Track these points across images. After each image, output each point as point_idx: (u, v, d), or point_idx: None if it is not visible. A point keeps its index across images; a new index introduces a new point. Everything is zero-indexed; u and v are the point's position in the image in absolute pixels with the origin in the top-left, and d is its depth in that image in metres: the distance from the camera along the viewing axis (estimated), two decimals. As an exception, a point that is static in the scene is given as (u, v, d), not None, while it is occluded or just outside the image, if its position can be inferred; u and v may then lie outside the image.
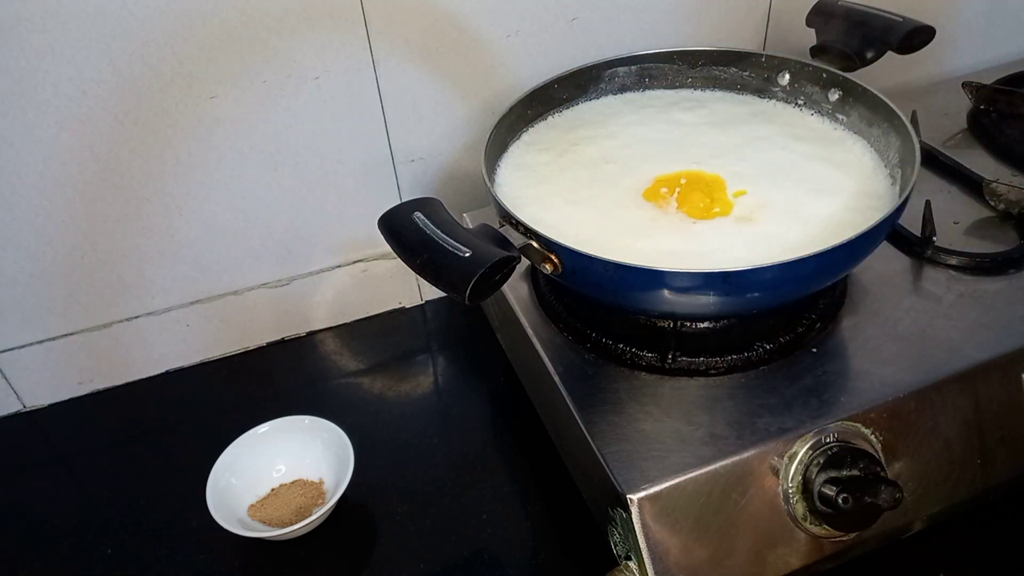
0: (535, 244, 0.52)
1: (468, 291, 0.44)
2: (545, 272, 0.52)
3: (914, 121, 0.74)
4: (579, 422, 0.53)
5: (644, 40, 0.76)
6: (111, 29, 0.59)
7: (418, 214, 0.49)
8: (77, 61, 0.60)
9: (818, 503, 0.48)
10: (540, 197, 0.62)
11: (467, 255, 0.45)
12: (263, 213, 0.72)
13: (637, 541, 0.48)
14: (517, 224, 0.53)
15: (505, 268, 0.47)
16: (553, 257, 0.51)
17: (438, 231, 0.48)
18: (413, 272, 0.49)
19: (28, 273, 0.68)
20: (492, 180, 0.62)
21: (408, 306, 0.84)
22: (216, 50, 0.63)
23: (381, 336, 0.81)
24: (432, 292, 0.82)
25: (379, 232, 0.76)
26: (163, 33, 0.61)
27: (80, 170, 0.64)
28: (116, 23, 0.59)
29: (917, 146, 0.55)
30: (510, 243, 0.50)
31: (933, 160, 0.73)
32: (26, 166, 0.63)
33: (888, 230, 0.53)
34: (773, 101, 0.70)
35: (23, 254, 0.67)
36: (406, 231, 0.49)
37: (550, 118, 0.70)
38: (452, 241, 0.47)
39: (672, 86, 0.73)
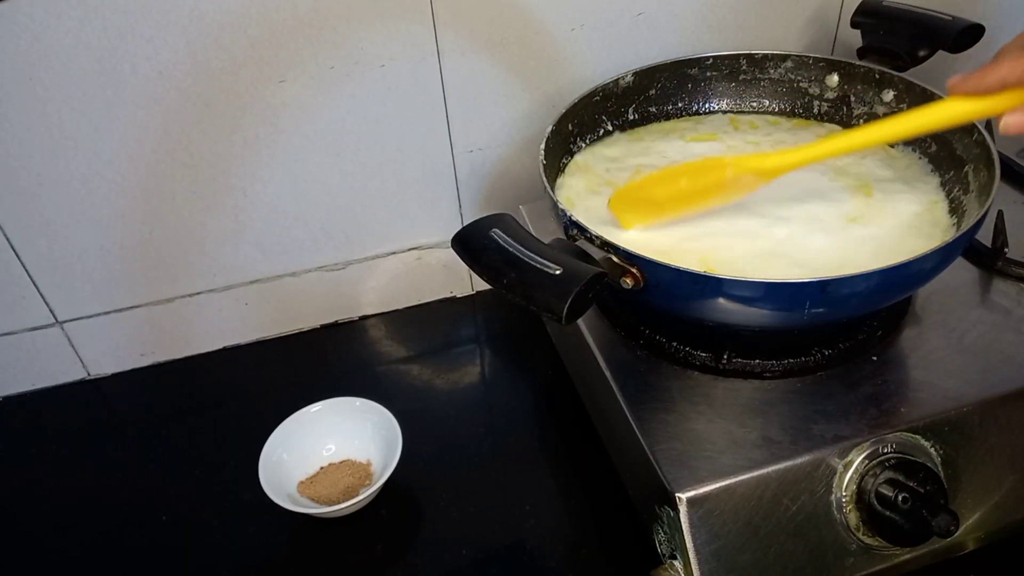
0: (614, 258, 0.49)
1: (566, 311, 0.41)
2: (625, 287, 0.49)
3: (988, 128, 0.72)
4: (629, 418, 0.52)
5: (710, 38, 0.76)
6: (189, 11, 0.61)
7: (496, 231, 0.46)
8: (155, 42, 0.62)
9: (875, 502, 0.47)
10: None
11: (558, 272, 0.43)
12: (324, 197, 0.74)
13: (684, 541, 0.48)
14: (593, 238, 0.50)
15: (598, 285, 0.44)
16: (634, 271, 0.48)
17: (522, 248, 0.45)
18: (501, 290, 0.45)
19: (99, 246, 0.70)
20: (553, 186, 0.61)
21: (459, 295, 0.85)
22: (287, 35, 0.64)
23: (432, 324, 0.82)
24: (484, 282, 0.83)
25: (435, 219, 0.78)
26: (238, 16, 0.62)
27: (153, 148, 0.66)
28: (194, 5, 0.61)
29: (996, 154, 0.54)
30: (592, 257, 0.48)
31: (1006, 169, 0.71)
32: (103, 142, 0.65)
33: (967, 243, 0.51)
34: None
35: (96, 227, 0.69)
36: (486, 250, 0.46)
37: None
38: (539, 259, 0.44)
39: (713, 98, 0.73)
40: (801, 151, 0.52)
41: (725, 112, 0.73)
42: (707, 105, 0.73)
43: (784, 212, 0.58)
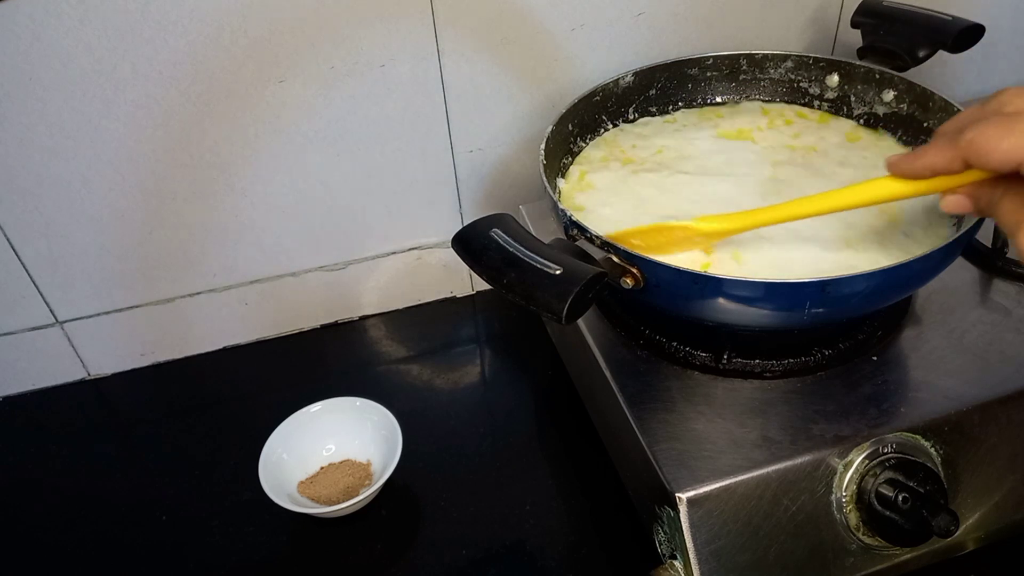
0: (614, 258, 0.49)
1: (565, 311, 0.41)
2: (625, 287, 0.49)
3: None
4: (629, 418, 0.52)
5: (710, 38, 0.76)
6: (189, 11, 0.61)
7: (496, 231, 0.46)
8: (155, 42, 0.61)
9: (875, 502, 0.47)
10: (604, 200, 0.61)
11: (558, 272, 0.43)
12: (324, 197, 0.74)
13: (684, 541, 0.48)
14: (593, 238, 0.50)
15: (598, 285, 0.44)
16: (634, 271, 0.48)
17: (522, 248, 0.45)
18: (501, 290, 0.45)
19: (99, 245, 0.70)
20: (554, 185, 0.61)
21: (459, 295, 0.85)
22: (287, 35, 0.64)
23: (431, 324, 0.82)
24: (484, 282, 0.83)
25: (435, 219, 0.78)
26: (238, 16, 0.62)
27: (152, 148, 0.66)
28: (194, 5, 0.61)
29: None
30: (592, 257, 0.48)
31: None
32: (103, 142, 0.65)
33: (967, 243, 0.51)
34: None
35: (96, 227, 0.69)
36: (486, 250, 0.46)
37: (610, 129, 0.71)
38: (539, 258, 0.44)
39: (715, 94, 0.72)
40: (746, 217, 0.52)
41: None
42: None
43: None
